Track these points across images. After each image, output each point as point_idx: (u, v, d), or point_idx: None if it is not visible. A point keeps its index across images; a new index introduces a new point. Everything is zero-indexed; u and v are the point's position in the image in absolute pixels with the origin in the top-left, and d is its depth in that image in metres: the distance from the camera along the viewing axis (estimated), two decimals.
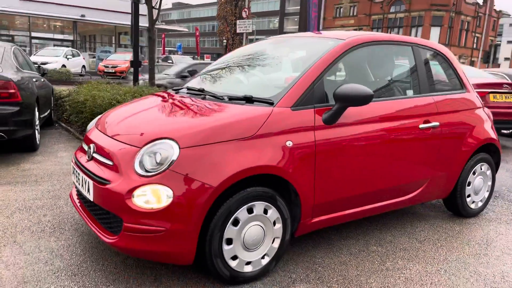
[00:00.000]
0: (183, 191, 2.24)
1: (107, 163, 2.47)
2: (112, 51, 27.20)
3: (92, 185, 2.46)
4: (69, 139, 6.48)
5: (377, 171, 2.96)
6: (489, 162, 3.84)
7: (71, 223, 3.26)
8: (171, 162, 2.27)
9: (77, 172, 2.72)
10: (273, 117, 2.54)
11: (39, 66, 7.33)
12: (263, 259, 2.57)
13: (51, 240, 2.95)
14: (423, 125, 3.20)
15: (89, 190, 2.51)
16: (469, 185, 3.74)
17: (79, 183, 2.67)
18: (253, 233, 2.48)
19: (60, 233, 3.07)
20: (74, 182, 2.83)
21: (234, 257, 2.45)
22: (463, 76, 3.79)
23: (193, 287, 2.47)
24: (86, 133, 3.06)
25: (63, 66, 19.40)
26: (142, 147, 2.38)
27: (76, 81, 14.09)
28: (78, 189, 2.76)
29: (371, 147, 2.89)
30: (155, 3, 9.26)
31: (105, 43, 33.37)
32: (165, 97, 3.17)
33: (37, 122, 5.73)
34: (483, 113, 3.83)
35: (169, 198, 2.23)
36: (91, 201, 2.51)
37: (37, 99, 5.77)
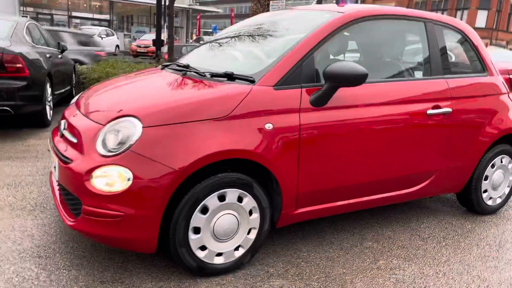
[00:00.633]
0: (143, 174, 2.06)
1: (72, 141, 2.33)
2: (146, 31, 27.40)
3: (57, 164, 2.33)
4: None
5: (372, 160, 2.67)
6: (511, 154, 3.44)
7: (54, 203, 3.17)
8: (132, 141, 2.09)
9: (51, 150, 2.60)
10: (252, 96, 2.30)
11: (59, 43, 7.34)
12: (237, 251, 2.37)
13: (28, 218, 2.86)
14: (431, 111, 2.86)
15: (55, 168, 2.38)
16: (486, 179, 3.37)
17: (52, 161, 2.55)
18: (225, 223, 2.28)
19: (40, 211, 2.98)
20: None
21: (202, 248, 2.26)
22: (486, 58, 3.38)
23: (159, 276, 2.31)
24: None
25: None
26: (105, 125, 2.21)
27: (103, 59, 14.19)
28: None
29: (367, 133, 2.60)
30: None
31: (142, 23, 33.68)
32: (149, 73, 2.98)
33: (49, 98, 5.72)
34: (508, 100, 3.42)
35: (128, 181, 2.05)
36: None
37: (50, 75, 5.75)
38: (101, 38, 20.94)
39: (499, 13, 42.61)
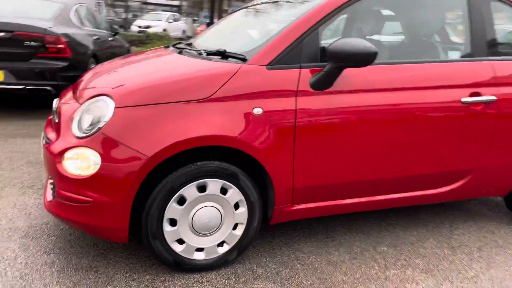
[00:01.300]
0: (111, 158, 1.90)
1: (55, 121, 2.24)
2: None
3: (43, 144, 2.26)
4: None
5: (387, 155, 2.30)
6: None
7: None
8: (103, 123, 1.94)
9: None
10: (239, 76, 2.05)
11: (111, 26, 7.49)
12: (221, 247, 2.16)
13: (32, 197, 2.86)
14: (468, 99, 2.41)
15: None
16: None
17: None
18: (206, 216, 2.07)
19: None
20: None
21: (180, 241, 2.08)
22: None
23: (137, 267, 2.16)
24: None
25: (164, 30, 20.20)
26: (82, 104, 2.08)
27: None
28: None
29: (381, 123, 2.24)
30: None
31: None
32: (152, 52, 2.83)
33: None
34: None
35: (96, 165, 1.91)
36: None
37: (95, 56, 5.86)
38: (169, 23, 21.53)
39: None
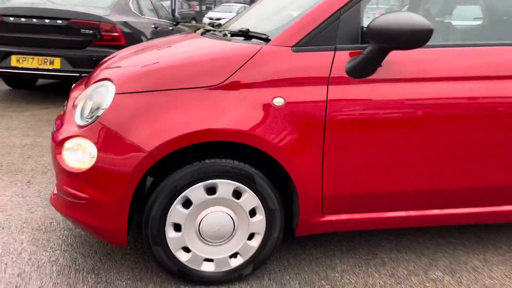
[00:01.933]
0: (107, 151, 1.68)
1: (64, 109, 2.07)
2: None
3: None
4: None
5: (446, 159, 1.84)
6: None
7: None
8: (102, 111, 1.72)
9: None
10: (258, 59, 1.72)
11: (173, 15, 7.47)
12: (234, 259, 1.86)
13: (48, 187, 2.75)
14: None
15: None
16: None
17: None
18: (215, 222, 1.78)
19: None
20: None
21: (186, 249, 1.81)
22: None
23: (141, 274, 1.94)
24: None
25: None
26: (86, 90, 1.88)
27: None
28: None
29: (438, 120, 1.79)
30: None
31: None
32: (177, 36, 2.58)
33: None
34: None
35: (92, 158, 1.70)
36: None
37: None
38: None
39: None
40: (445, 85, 1.79)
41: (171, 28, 6.88)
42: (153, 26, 6.02)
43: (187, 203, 1.75)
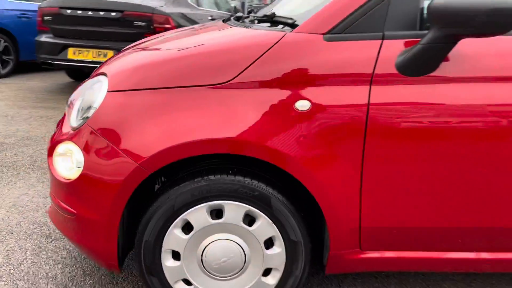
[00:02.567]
0: (94, 161, 1.40)
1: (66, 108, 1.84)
2: None
3: None
4: None
5: None
6: None
7: None
8: (92, 111, 1.45)
9: None
10: (279, 50, 1.34)
11: (235, 7, 7.22)
12: None
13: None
14: None
15: None
16: None
17: None
18: (221, 252, 1.44)
19: None
20: None
21: (186, 282, 1.49)
22: None
23: None
24: None
25: None
26: (83, 84, 1.62)
27: None
28: None
29: None
30: None
31: None
32: (202, 24, 2.26)
33: None
34: None
35: (79, 167, 1.44)
36: None
37: None
38: None
39: None
40: None
41: None
42: (210, 17, 5.79)
43: (187, 227, 1.43)
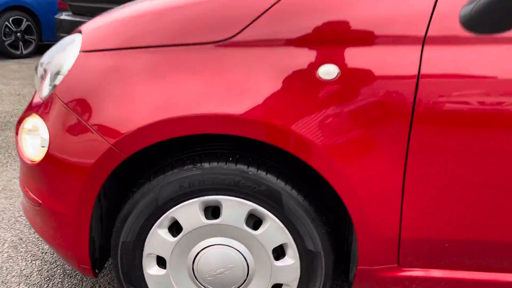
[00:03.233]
0: (60, 139, 1.11)
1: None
2: None
3: None
4: None
5: None
6: None
7: None
8: (60, 77, 1.16)
9: None
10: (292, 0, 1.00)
11: None
12: None
13: None
14: None
15: None
16: None
17: None
18: (217, 260, 1.13)
19: None
20: None
21: None
22: None
23: None
24: None
25: None
26: (55, 45, 1.33)
27: None
28: None
29: None
30: None
31: None
32: None
33: None
34: None
35: (43, 147, 1.15)
36: None
37: None
38: None
39: None
40: None
41: None
42: None
43: (176, 228, 1.13)
